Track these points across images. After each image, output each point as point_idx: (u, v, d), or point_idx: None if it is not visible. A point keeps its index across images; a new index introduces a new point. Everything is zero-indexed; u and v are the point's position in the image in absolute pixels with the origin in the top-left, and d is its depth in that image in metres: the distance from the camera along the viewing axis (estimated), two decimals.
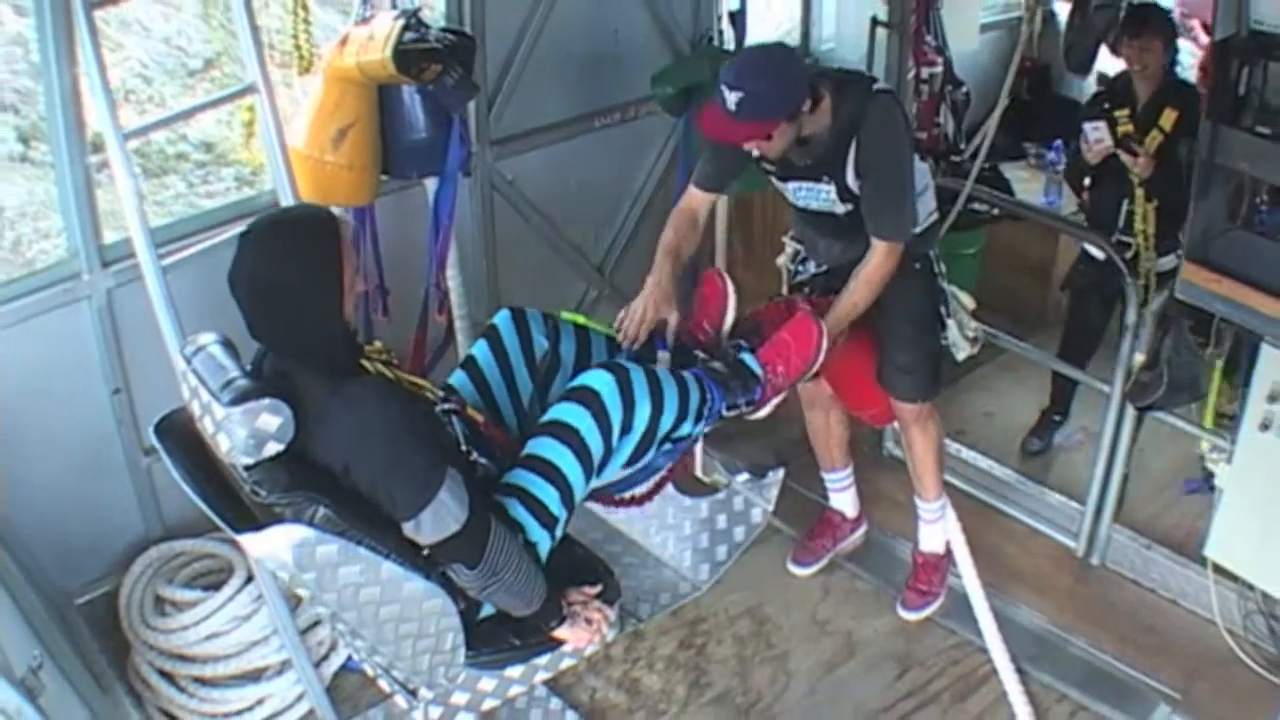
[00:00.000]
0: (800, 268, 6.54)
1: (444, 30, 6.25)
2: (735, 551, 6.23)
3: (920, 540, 6.76)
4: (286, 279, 4.14)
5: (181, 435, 4.50)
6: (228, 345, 4.55)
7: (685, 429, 5.21)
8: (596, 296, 8.04)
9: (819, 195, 5.94)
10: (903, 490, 6.66)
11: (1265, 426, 5.84)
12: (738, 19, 7.81)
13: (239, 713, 6.20)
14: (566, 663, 5.26)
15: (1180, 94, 7.31)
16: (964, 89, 8.10)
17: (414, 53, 5.96)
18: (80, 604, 6.42)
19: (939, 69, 7.79)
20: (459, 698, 4.99)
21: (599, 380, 4.76)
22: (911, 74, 7.30)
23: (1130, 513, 6.61)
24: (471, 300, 7.07)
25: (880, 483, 7.16)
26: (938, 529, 6.65)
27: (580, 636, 4.88)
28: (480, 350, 5.18)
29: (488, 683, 5.01)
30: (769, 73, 5.46)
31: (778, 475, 6.49)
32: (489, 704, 5.13)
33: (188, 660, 6.13)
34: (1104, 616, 6.30)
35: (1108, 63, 8.49)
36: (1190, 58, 8.37)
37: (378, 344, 4.54)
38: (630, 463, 5.05)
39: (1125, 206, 7.29)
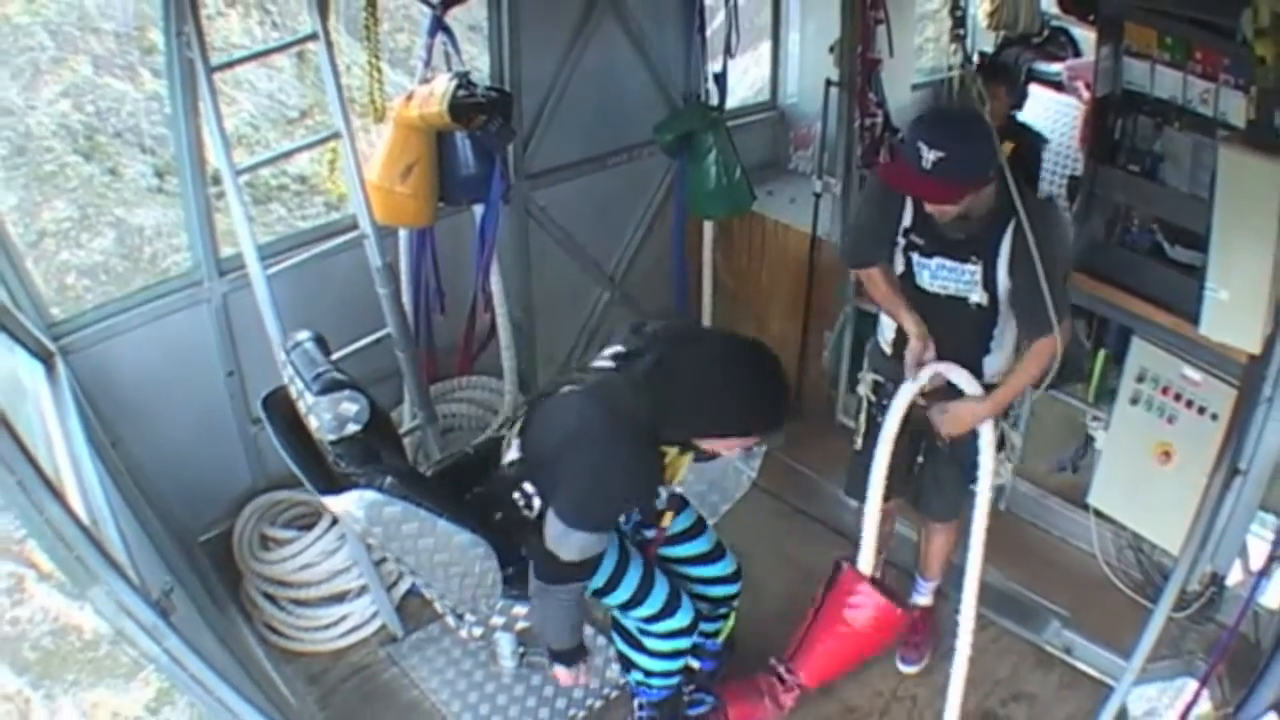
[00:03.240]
0: (884, 401, 5.42)
1: (489, 88, 6.32)
2: (725, 506, 6.28)
3: (917, 600, 6.21)
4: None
5: (281, 410, 4.73)
6: (320, 341, 4.78)
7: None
8: (609, 300, 8.02)
9: (961, 276, 5.07)
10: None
11: (1134, 401, 5.96)
12: (720, 79, 7.82)
13: (326, 627, 6.29)
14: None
15: (1018, 133, 7.61)
16: (899, 135, 8.11)
17: (465, 105, 6.08)
18: (202, 541, 6.45)
19: (879, 118, 7.83)
20: (496, 620, 5.11)
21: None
22: (857, 122, 7.34)
23: (1030, 469, 6.64)
24: (510, 301, 7.10)
25: (830, 445, 6.97)
26: (930, 590, 6.26)
27: (565, 680, 5.08)
28: None
29: (520, 609, 5.10)
30: (970, 137, 4.76)
31: (760, 449, 6.52)
32: (521, 625, 5.21)
33: (286, 585, 6.23)
34: (1010, 553, 6.24)
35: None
36: (1074, 111, 8.39)
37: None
38: None
39: None
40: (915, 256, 5.17)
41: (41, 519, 3.47)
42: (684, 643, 5.16)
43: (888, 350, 5.51)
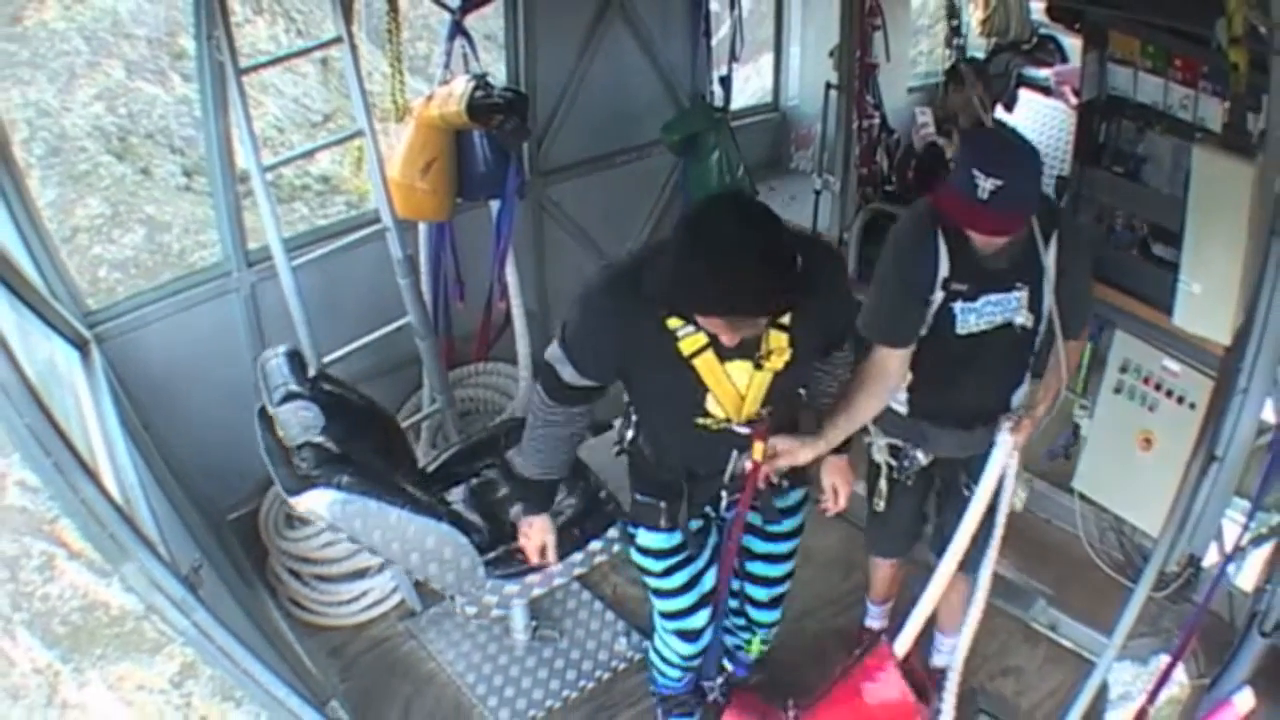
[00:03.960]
0: (905, 463, 5.07)
1: (505, 89, 6.36)
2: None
3: (936, 661, 5.77)
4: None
5: (267, 418, 4.80)
6: (291, 357, 4.95)
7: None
8: None
9: (1009, 305, 4.60)
10: None
11: (1118, 390, 5.95)
12: (725, 82, 7.89)
13: (348, 601, 6.34)
14: (578, 570, 5.42)
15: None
16: (895, 135, 8.16)
17: (483, 106, 6.16)
18: (230, 520, 6.49)
19: (876, 120, 7.86)
20: (489, 599, 5.18)
21: None
22: (856, 124, 7.38)
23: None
24: (525, 291, 7.13)
25: None
26: (951, 648, 5.62)
27: (529, 552, 4.89)
28: None
29: (512, 588, 5.18)
30: (1025, 162, 4.32)
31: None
32: (517, 602, 5.31)
33: (310, 562, 6.27)
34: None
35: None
36: (1062, 114, 8.44)
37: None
38: None
39: None
40: (958, 305, 4.60)
41: (76, 499, 3.51)
42: (686, 648, 5.08)
43: (902, 411, 4.96)
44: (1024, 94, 8.49)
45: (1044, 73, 8.93)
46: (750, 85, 10.38)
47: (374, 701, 5.99)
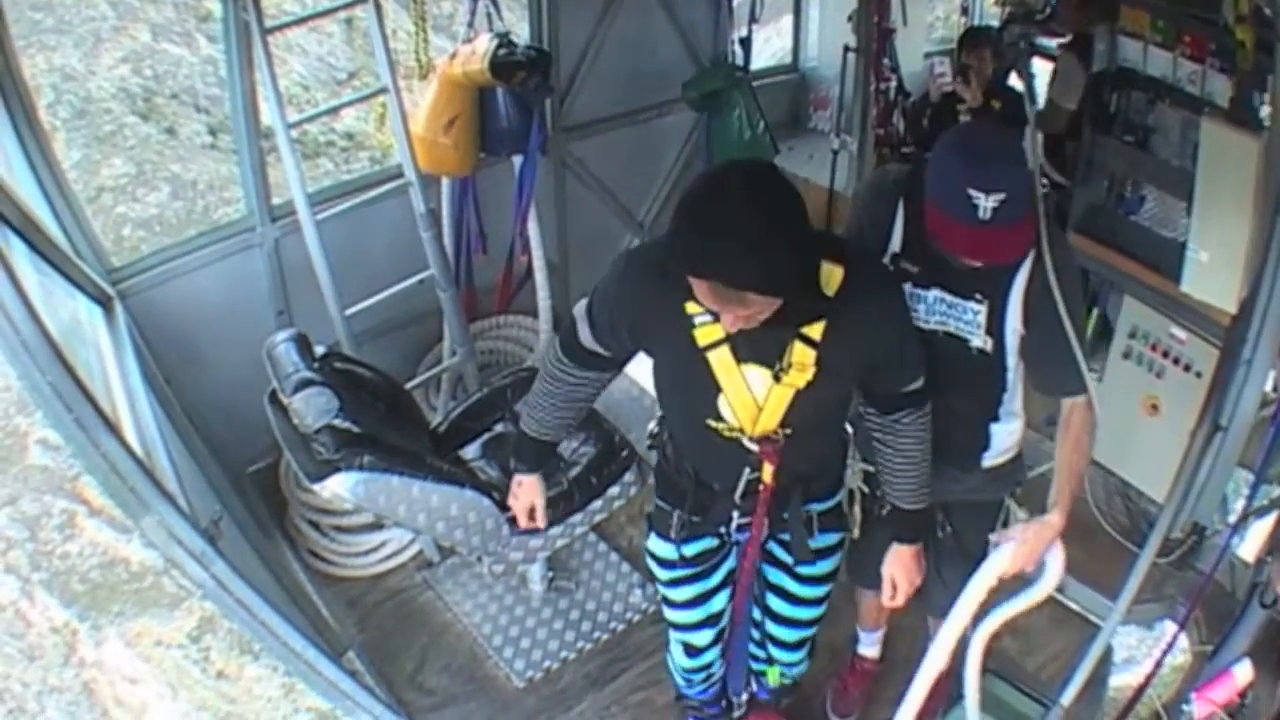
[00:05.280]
0: (878, 492, 4.40)
1: (528, 47, 6.38)
2: None
3: (864, 651, 5.62)
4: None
5: (279, 404, 4.84)
6: (297, 341, 4.95)
7: None
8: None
9: (962, 315, 4.01)
10: None
11: (1126, 355, 5.95)
12: (745, 43, 7.88)
13: (366, 552, 6.37)
14: (598, 517, 5.47)
15: (1002, 93, 7.72)
16: (911, 98, 8.21)
17: (506, 64, 6.17)
18: (250, 472, 6.54)
19: (893, 83, 7.90)
20: (515, 556, 5.22)
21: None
22: (873, 86, 7.41)
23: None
24: (546, 245, 7.13)
25: None
26: (878, 639, 5.61)
27: (517, 513, 4.62)
28: None
29: (536, 542, 5.24)
30: (1021, 163, 3.77)
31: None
32: (541, 555, 5.31)
33: (329, 513, 6.27)
34: None
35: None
36: None
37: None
38: None
39: None
40: (908, 287, 4.03)
41: (98, 454, 3.52)
42: (686, 660, 4.96)
43: None
44: (1036, 62, 8.48)
45: (1057, 42, 8.95)
46: (769, 47, 10.38)
47: (390, 652, 6.02)
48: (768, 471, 4.10)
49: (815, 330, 3.69)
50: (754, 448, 4.02)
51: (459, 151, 6.46)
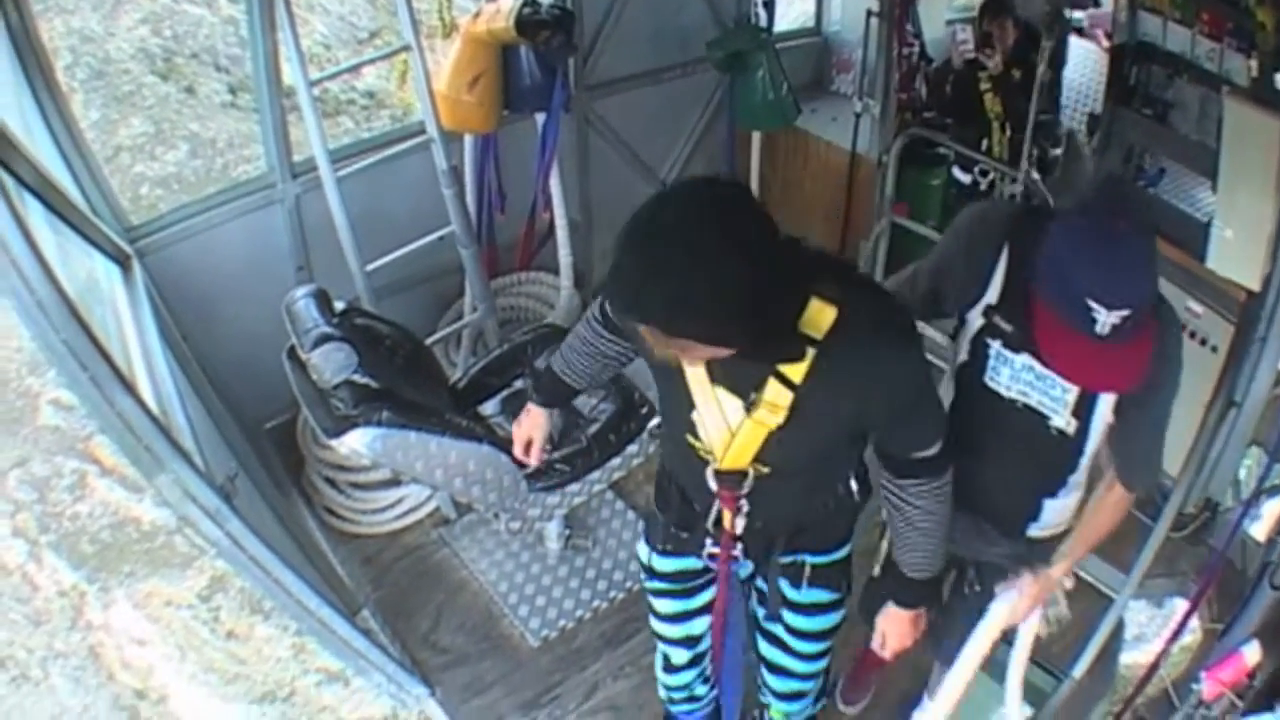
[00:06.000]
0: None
1: (553, 6, 6.34)
2: None
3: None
4: None
5: (298, 361, 4.79)
6: (317, 296, 4.85)
7: None
8: None
9: (1050, 389, 3.55)
10: None
11: None
12: (769, 5, 7.83)
13: (383, 509, 6.39)
14: (617, 474, 5.42)
15: (1024, 60, 7.67)
16: (933, 64, 8.23)
17: (530, 22, 6.15)
18: (268, 429, 6.54)
19: (916, 48, 7.93)
20: (532, 513, 5.16)
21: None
22: (896, 51, 7.41)
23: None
24: (568, 203, 7.14)
25: None
26: None
27: (515, 439, 4.47)
28: None
29: (553, 499, 5.19)
30: (1151, 268, 3.15)
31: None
32: (559, 513, 5.28)
33: (346, 470, 6.27)
34: None
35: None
36: (1094, 55, 8.48)
37: None
38: None
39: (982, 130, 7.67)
40: (996, 346, 3.59)
41: (112, 412, 3.52)
42: (663, 675, 4.73)
43: None
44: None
45: (1078, 14, 8.92)
46: (793, 10, 10.36)
47: (406, 609, 6.04)
48: (726, 517, 3.77)
49: (796, 371, 3.23)
50: (711, 484, 3.65)
51: (482, 109, 6.45)
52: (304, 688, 7.69)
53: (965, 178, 7.87)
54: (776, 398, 3.28)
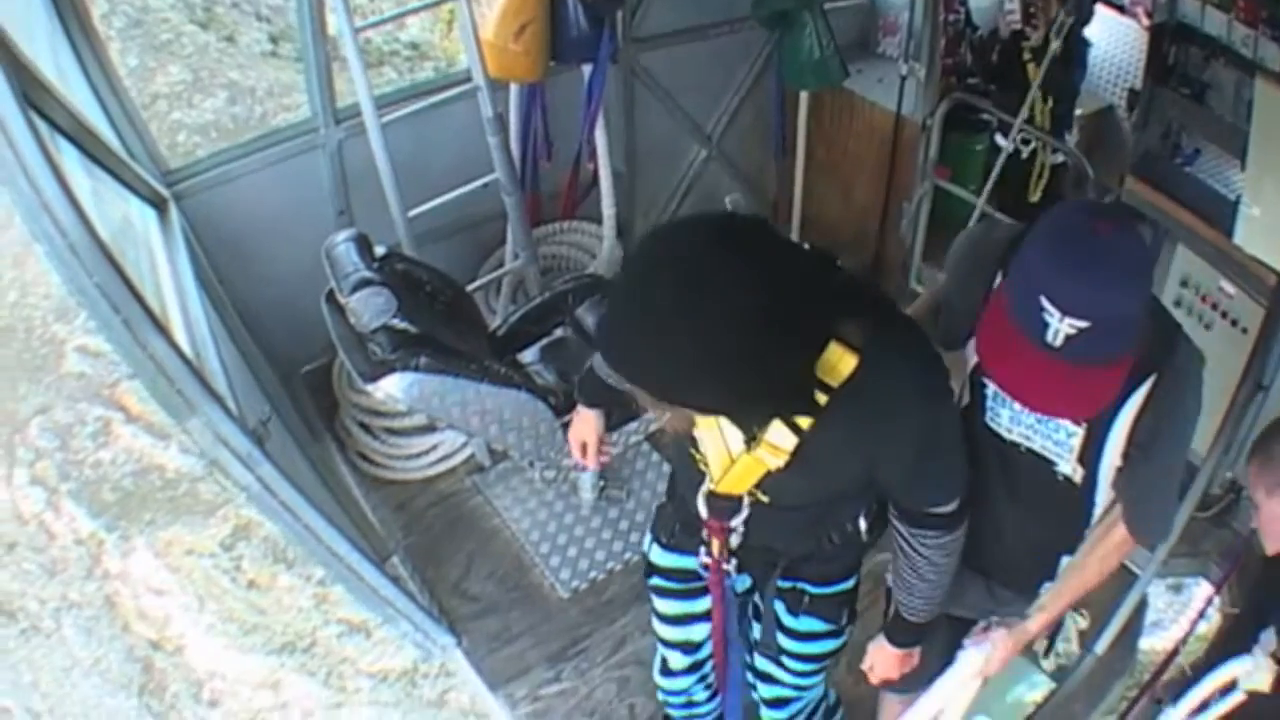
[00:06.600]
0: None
1: None
2: None
3: None
4: None
5: (336, 305, 4.78)
6: (358, 241, 4.84)
7: None
8: (706, 157, 8.06)
9: (1053, 434, 3.31)
10: None
11: (1177, 304, 5.87)
12: None
13: (417, 455, 6.41)
14: (654, 427, 5.41)
15: (1066, 37, 7.59)
16: (979, 32, 8.20)
17: None
18: (303, 373, 6.56)
19: (961, 14, 7.91)
20: (567, 461, 5.09)
21: None
22: (941, 17, 7.39)
23: None
24: (613, 153, 7.13)
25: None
26: None
27: (571, 441, 4.33)
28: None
29: None
30: (1132, 288, 2.86)
31: None
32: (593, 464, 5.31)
33: (381, 415, 6.30)
34: None
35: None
36: (1133, 32, 8.44)
37: None
38: None
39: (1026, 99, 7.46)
40: (993, 385, 3.35)
41: (145, 355, 3.49)
42: (659, 678, 4.55)
43: None
44: (1100, 10, 8.44)
45: None
46: None
47: (436, 557, 6.07)
48: (715, 545, 3.65)
49: (804, 419, 3.01)
50: (702, 509, 3.53)
51: (529, 58, 6.39)
52: (325, 639, 7.69)
53: (1007, 145, 7.85)
54: (780, 440, 3.08)
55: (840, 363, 2.87)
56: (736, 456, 3.20)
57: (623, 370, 2.67)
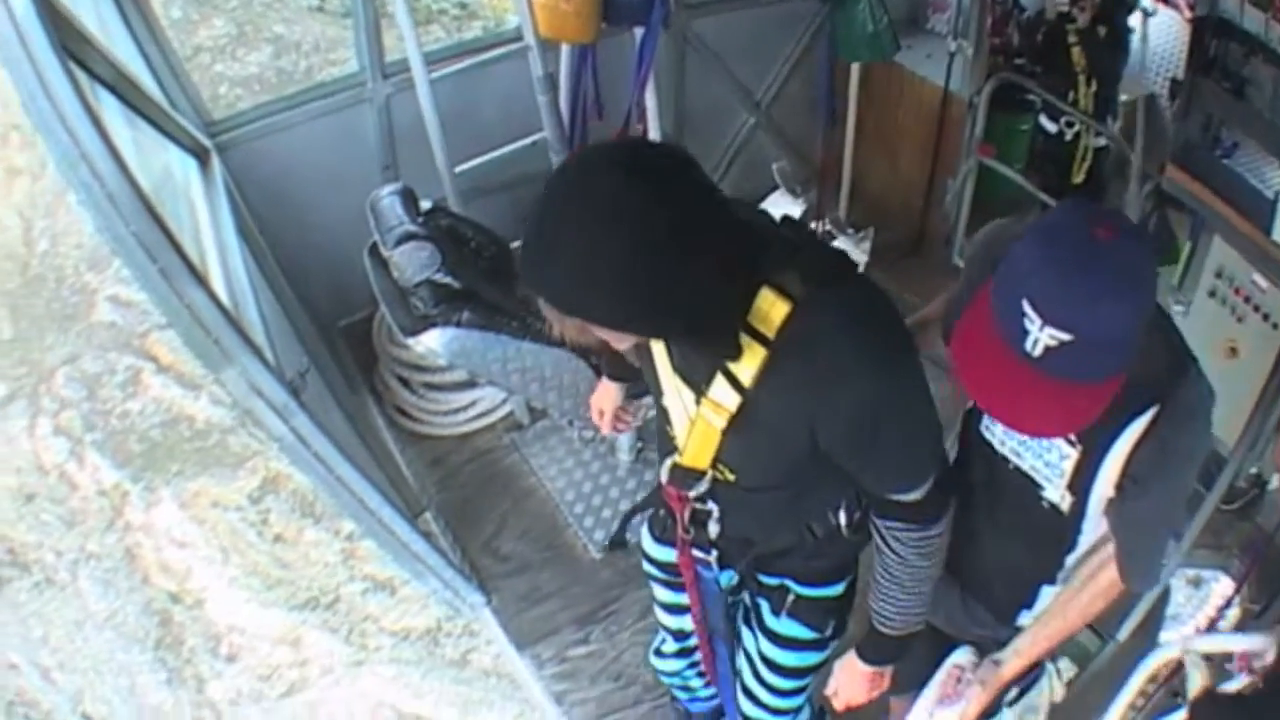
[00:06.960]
0: None
1: None
2: None
3: None
4: None
5: (379, 259, 4.80)
6: (403, 195, 4.82)
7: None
8: (755, 124, 8.08)
9: (1044, 454, 3.05)
10: None
11: (1211, 294, 5.91)
12: None
13: (456, 411, 6.45)
14: None
15: (1113, 20, 7.80)
16: (1026, 13, 8.21)
17: None
18: (342, 326, 6.61)
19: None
20: None
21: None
22: None
23: None
24: (662, 117, 7.12)
25: (946, 285, 6.95)
26: None
27: (591, 407, 4.35)
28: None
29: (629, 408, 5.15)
30: (1126, 303, 2.47)
31: (869, 231, 6.52)
32: (632, 424, 5.30)
33: (421, 369, 6.31)
34: None
35: None
36: (1176, 24, 8.49)
37: None
38: None
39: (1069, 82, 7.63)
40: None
41: (180, 304, 3.49)
42: (655, 659, 4.50)
43: None
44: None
45: None
46: None
47: (470, 514, 6.11)
48: (679, 516, 3.47)
49: (744, 371, 2.83)
50: (664, 478, 3.37)
51: (580, 19, 6.34)
52: (349, 595, 7.65)
53: (1052, 127, 7.85)
54: (722, 398, 2.92)
55: (772, 310, 2.71)
56: (694, 418, 3.06)
57: (531, 281, 2.56)
